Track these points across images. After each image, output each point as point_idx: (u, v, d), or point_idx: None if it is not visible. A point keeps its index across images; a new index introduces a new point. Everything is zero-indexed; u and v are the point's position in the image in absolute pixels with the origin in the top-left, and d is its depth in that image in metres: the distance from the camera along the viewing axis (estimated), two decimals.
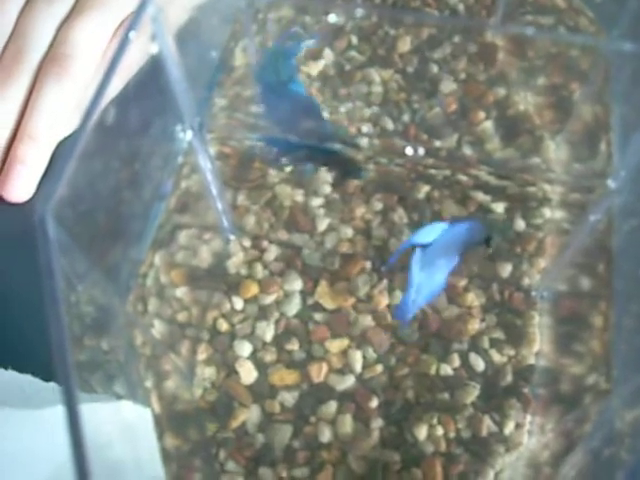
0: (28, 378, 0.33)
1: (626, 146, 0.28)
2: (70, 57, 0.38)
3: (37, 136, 0.37)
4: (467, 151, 0.39)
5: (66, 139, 0.38)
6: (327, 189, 0.38)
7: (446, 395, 0.34)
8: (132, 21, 0.24)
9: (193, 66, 0.31)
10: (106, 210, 0.29)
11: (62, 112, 0.38)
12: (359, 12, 0.41)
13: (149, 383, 0.33)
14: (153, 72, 0.28)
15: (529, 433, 0.33)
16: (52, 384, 0.32)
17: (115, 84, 0.27)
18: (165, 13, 0.26)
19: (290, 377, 0.34)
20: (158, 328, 0.35)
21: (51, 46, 0.38)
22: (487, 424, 0.33)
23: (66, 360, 0.20)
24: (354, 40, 0.42)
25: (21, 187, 0.37)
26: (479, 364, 0.34)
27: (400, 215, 0.37)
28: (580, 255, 0.34)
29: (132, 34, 0.25)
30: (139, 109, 0.29)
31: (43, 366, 0.31)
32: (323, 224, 0.37)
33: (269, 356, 0.35)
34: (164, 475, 0.31)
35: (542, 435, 0.32)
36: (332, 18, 0.41)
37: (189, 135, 0.31)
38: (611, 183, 0.29)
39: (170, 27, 0.28)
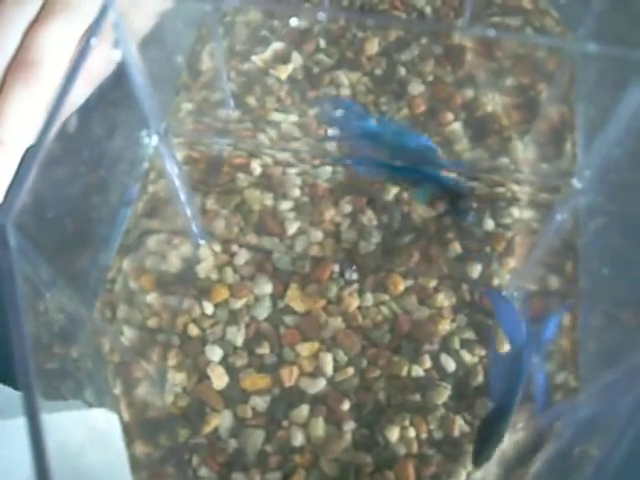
0: (3, 388, 0.32)
1: (590, 146, 0.28)
2: (39, 63, 0.37)
3: (5, 142, 0.37)
4: None
5: (30, 149, 0.38)
6: (296, 192, 0.38)
7: (417, 396, 0.34)
8: (93, 27, 0.24)
9: (158, 71, 0.31)
10: (72, 217, 0.29)
11: (31, 118, 0.37)
12: (326, 16, 0.41)
13: (118, 390, 0.33)
14: (117, 78, 0.28)
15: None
16: None
17: (80, 92, 0.27)
18: (130, 20, 0.26)
19: (261, 381, 0.34)
20: (127, 334, 0.35)
21: (18, 50, 0.38)
22: (459, 424, 0.33)
23: (27, 368, 0.20)
24: (322, 43, 0.42)
25: None
26: (450, 365, 0.34)
27: (369, 217, 0.37)
28: (548, 254, 0.34)
29: (94, 40, 0.24)
30: (104, 115, 0.29)
31: (13, 375, 0.31)
32: (293, 227, 0.37)
33: (240, 361, 0.34)
34: None
35: (513, 433, 0.32)
36: (294, 22, 0.41)
37: (155, 140, 0.31)
38: (576, 183, 0.29)
39: (136, 34, 0.28)
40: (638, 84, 0.23)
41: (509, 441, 0.32)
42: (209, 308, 0.36)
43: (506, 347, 0.34)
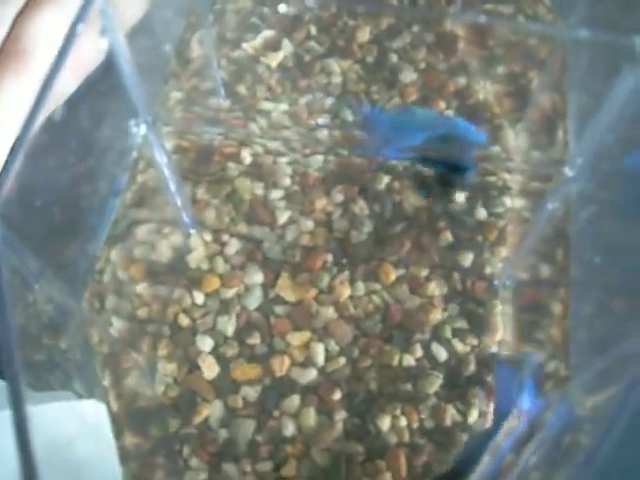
0: None
1: (582, 133, 0.28)
2: (29, 53, 0.37)
3: None
4: None
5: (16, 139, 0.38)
6: (287, 181, 0.38)
7: (409, 386, 0.34)
8: (79, 13, 0.24)
9: (146, 59, 0.31)
10: (60, 206, 0.29)
11: (21, 108, 0.37)
12: (317, 2, 0.41)
13: (107, 381, 0.33)
14: (105, 66, 0.28)
15: (492, 421, 0.33)
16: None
17: (68, 83, 0.27)
18: (118, 7, 0.26)
19: (252, 371, 0.34)
20: (116, 325, 0.35)
21: (7, 39, 0.38)
22: (451, 413, 0.33)
23: (13, 359, 0.20)
24: (313, 31, 0.42)
25: None
26: (442, 354, 0.34)
27: (361, 207, 0.37)
28: (540, 243, 0.34)
29: (80, 26, 0.24)
30: (92, 104, 0.29)
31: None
32: (284, 217, 0.37)
33: (231, 351, 0.34)
34: (122, 473, 0.31)
35: (506, 423, 0.32)
36: (282, 8, 0.40)
37: (143, 129, 0.31)
38: (568, 171, 0.29)
39: (124, 22, 0.28)
40: (630, 70, 0.23)
41: (502, 430, 0.32)
42: (200, 298, 0.35)
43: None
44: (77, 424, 0.29)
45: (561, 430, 0.27)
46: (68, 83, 0.26)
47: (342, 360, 0.34)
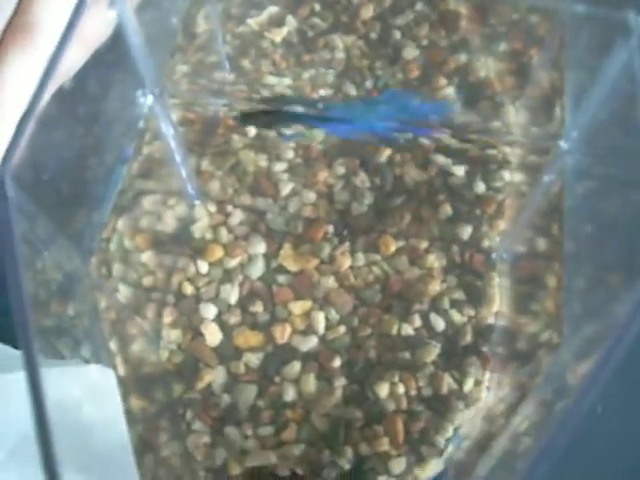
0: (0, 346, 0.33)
1: (578, 108, 0.29)
2: (34, 27, 0.37)
3: (2, 106, 0.37)
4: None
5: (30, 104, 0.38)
6: (290, 154, 0.39)
7: (407, 354, 0.35)
8: None
9: (154, 33, 0.32)
10: (68, 174, 0.29)
11: (27, 82, 0.38)
12: None
13: (114, 346, 0.34)
14: (113, 38, 0.28)
15: (487, 389, 0.34)
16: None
17: (77, 56, 0.27)
18: None
19: (254, 339, 0.35)
20: (123, 292, 0.36)
21: (14, 14, 0.38)
22: (447, 382, 0.34)
23: (26, 320, 0.21)
24: (317, 7, 0.43)
25: None
26: (439, 324, 0.35)
27: (362, 179, 0.38)
28: (536, 217, 0.35)
29: None
30: (99, 74, 0.30)
31: (14, 335, 0.32)
32: (286, 189, 0.38)
33: (233, 318, 0.35)
34: (129, 436, 0.31)
35: (499, 390, 0.33)
36: None
37: (150, 100, 0.32)
38: (563, 144, 0.30)
39: None
40: (622, 45, 0.23)
41: (495, 397, 0.33)
42: (204, 267, 0.36)
43: None
44: (84, 388, 0.30)
45: (552, 396, 0.28)
46: (77, 55, 0.26)
47: (342, 329, 0.35)
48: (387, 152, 0.38)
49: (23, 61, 0.37)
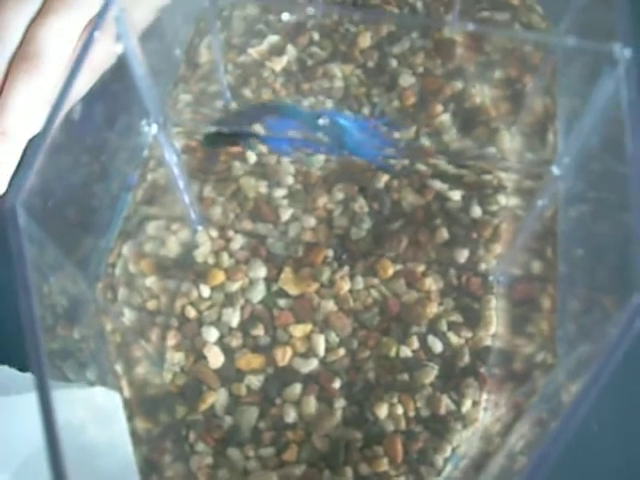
0: (4, 368, 0.34)
1: (570, 134, 0.30)
2: (40, 55, 0.38)
3: (8, 133, 0.38)
4: (425, 142, 0.40)
5: (36, 137, 0.39)
6: (290, 180, 0.40)
7: (406, 376, 0.35)
8: (96, 21, 0.26)
9: (157, 63, 0.33)
10: (75, 202, 0.30)
11: (33, 109, 0.38)
12: (320, 11, 0.42)
13: (119, 369, 0.35)
14: (119, 69, 0.29)
15: (484, 410, 0.34)
16: (28, 374, 0.33)
17: (83, 83, 0.28)
18: (131, 14, 0.28)
19: (256, 361, 0.36)
20: (128, 316, 0.36)
21: (21, 44, 0.39)
22: (445, 403, 0.35)
23: (38, 344, 0.21)
24: (316, 37, 0.44)
25: None
26: (437, 346, 0.36)
27: (361, 204, 0.39)
28: (531, 240, 0.35)
29: (97, 33, 0.26)
30: (105, 105, 0.31)
31: (19, 357, 0.32)
32: (286, 214, 0.39)
33: (235, 341, 0.36)
34: (134, 457, 0.32)
35: (495, 410, 0.34)
36: (285, 17, 0.42)
37: (154, 129, 0.33)
38: (555, 170, 0.30)
39: (136, 28, 0.29)
40: (609, 74, 0.24)
41: (492, 417, 0.34)
42: (206, 291, 0.37)
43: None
44: (89, 410, 0.31)
45: (547, 415, 0.28)
46: (83, 82, 0.27)
47: (342, 351, 0.36)
48: (385, 178, 0.39)
49: (30, 88, 0.38)
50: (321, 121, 0.39)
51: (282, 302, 0.37)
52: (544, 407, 0.28)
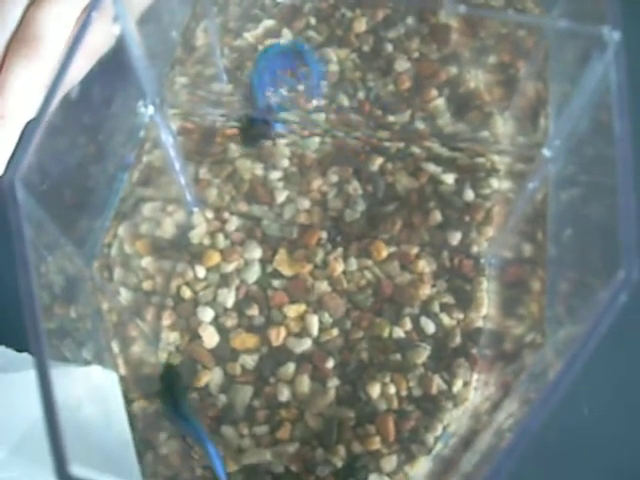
0: (1, 349, 0.34)
1: (560, 118, 0.30)
2: (38, 38, 0.38)
3: (6, 116, 0.38)
4: (420, 126, 0.41)
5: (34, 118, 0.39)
6: (285, 163, 0.40)
7: (398, 356, 0.36)
8: (94, 2, 0.26)
9: (154, 46, 0.33)
10: (71, 181, 0.31)
11: (31, 92, 0.39)
12: None
13: (116, 348, 0.35)
14: (116, 51, 0.30)
15: (475, 389, 0.35)
16: (25, 354, 0.33)
17: (83, 65, 0.28)
18: None
19: (250, 341, 0.36)
20: (124, 296, 0.37)
21: (19, 27, 0.39)
22: (437, 383, 0.35)
23: (37, 322, 0.22)
24: (312, 21, 0.44)
25: None
26: (430, 327, 0.36)
27: (355, 187, 0.39)
28: (522, 223, 0.36)
29: (94, 14, 0.26)
30: (102, 85, 0.31)
31: (17, 338, 0.32)
32: (282, 196, 0.39)
33: (230, 321, 0.36)
34: (130, 434, 0.32)
35: (485, 389, 0.34)
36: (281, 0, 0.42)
37: (151, 110, 0.33)
38: (546, 152, 0.31)
39: (134, 10, 0.30)
40: (598, 58, 0.25)
41: (481, 396, 0.34)
42: (201, 272, 0.37)
43: None
44: (86, 389, 0.31)
45: (534, 393, 0.29)
46: (81, 64, 0.27)
47: (335, 331, 0.36)
48: (379, 161, 0.40)
49: (28, 71, 0.38)
50: None
51: (277, 283, 0.37)
52: (532, 386, 0.29)
